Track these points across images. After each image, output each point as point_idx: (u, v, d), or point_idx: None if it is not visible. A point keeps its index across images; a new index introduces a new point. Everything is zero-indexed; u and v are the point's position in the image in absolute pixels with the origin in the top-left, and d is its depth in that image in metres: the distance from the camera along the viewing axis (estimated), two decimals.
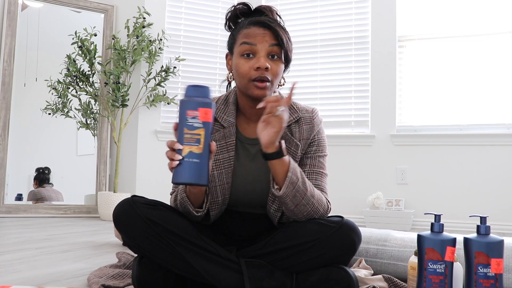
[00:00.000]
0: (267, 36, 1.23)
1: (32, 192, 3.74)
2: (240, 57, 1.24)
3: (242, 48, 1.23)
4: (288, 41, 1.26)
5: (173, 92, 3.93)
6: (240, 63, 1.23)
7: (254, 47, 1.22)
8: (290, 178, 1.16)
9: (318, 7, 4.01)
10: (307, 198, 1.20)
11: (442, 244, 1.10)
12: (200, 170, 1.04)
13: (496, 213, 3.36)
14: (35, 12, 3.88)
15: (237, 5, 1.31)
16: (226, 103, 1.33)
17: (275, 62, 1.24)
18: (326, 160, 1.35)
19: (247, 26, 1.25)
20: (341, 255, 1.20)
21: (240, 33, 1.26)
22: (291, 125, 1.31)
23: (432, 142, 3.57)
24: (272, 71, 1.22)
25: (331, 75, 3.92)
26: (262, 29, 1.23)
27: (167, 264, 1.19)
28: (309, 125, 1.32)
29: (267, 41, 1.22)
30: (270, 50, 1.23)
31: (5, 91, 3.64)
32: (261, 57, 1.21)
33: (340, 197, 3.70)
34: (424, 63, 3.71)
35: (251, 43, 1.22)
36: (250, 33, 1.23)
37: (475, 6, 3.59)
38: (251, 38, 1.23)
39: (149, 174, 3.85)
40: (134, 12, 3.88)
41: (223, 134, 1.29)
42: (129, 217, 1.19)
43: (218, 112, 1.31)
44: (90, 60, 3.69)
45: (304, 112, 1.33)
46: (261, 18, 1.25)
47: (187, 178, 1.04)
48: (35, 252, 1.99)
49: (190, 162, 1.04)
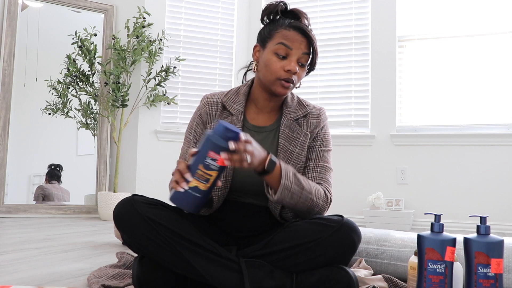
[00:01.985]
0: (303, 44, 1.30)
1: (40, 187, 3.74)
2: (273, 54, 1.30)
3: (278, 47, 1.30)
4: (317, 53, 1.34)
5: (173, 92, 3.93)
6: (272, 60, 1.30)
7: (290, 51, 1.29)
8: (283, 184, 1.20)
9: (318, 7, 4.01)
10: (304, 195, 1.23)
11: (442, 244, 1.10)
12: (197, 204, 1.10)
13: (496, 213, 3.36)
14: (35, 12, 3.88)
15: (278, 2, 1.37)
16: (237, 94, 1.40)
17: (301, 68, 1.32)
18: (330, 156, 1.41)
19: (287, 28, 1.31)
20: (341, 254, 1.20)
21: (278, 32, 1.31)
22: (299, 119, 1.38)
23: (432, 142, 3.57)
24: (298, 75, 1.32)
25: (331, 75, 3.92)
26: (301, 36, 1.30)
27: (167, 263, 1.19)
28: (316, 120, 1.39)
29: (302, 49, 1.30)
30: (301, 57, 1.31)
31: (5, 91, 3.65)
32: (293, 61, 1.29)
33: (340, 197, 3.70)
34: (424, 63, 3.71)
35: (288, 46, 1.29)
36: (289, 36, 1.30)
37: (475, 6, 3.59)
38: (289, 41, 1.29)
39: (149, 174, 3.85)
40: (134, 12, 3.88)
41: (230, 121, 1.36)
42: (129, 216, 1.20)
43: (228, 102, 1.38)
44: (90, 60, 3.69)
45: (312, 109, 1.41)
46: (301, 25, 1.31)
47: (183, 205, 1.09)
48: (35, 252, 1.99)
49: (192, 194, 1.08)
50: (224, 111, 1.38)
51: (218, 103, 1.38)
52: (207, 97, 1.41)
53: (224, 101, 1.38)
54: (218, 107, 1.38)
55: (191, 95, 4.00)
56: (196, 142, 1.38)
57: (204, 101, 1.40)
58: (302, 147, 1.35)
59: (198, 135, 1.39)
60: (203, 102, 1.40)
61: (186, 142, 1.41)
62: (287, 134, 1.35)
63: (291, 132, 1.36)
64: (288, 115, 1.37)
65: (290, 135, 1.36)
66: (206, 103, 1.39)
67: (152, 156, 3.88)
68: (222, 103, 1.38)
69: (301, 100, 1.42)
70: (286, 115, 1.38)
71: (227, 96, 1.39)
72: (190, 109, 3.99)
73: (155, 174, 3.84)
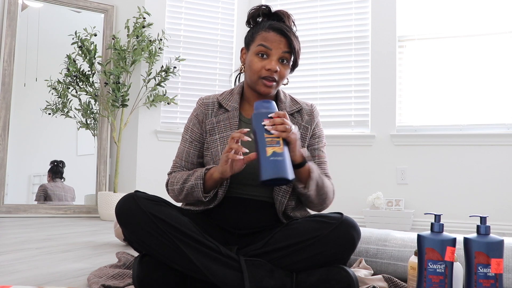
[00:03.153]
0: (282, 44, 1.35)
1: (42, 186, 3.74)
2: (255, 55, 1.36)
3: (259, 48, 1.35)
4: (299, 50, 1.39)
5: (173, 92, 3.93)
6: (254, 61, 1.36)
7: (269, 51, 1.35)
8: (313, 177, 1.29)
9: (318, 7, 4.01)
10: (324, 188, 1.35)
11: (442, 244, 1.10)
12: (284, 166, 1.13)
13: (496, 213, 3.36)
14: (35, 12, 3.88)
15: (260, 6, 1.43)
16: (231, 94, 1.47)
17: (284, 66, 1.37)
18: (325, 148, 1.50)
19: (266, 30, 1.36)
20: (341, 252, 1.21)
21: (259, 34, 1.37)
22: (294, 114, 1.44)
23: (432, 142, 3.57)
24: (280, 73, 1.36)
25: (331, 75, 3.92)
26: (279, 36, 1.35)
27: (168, 259, 1.20)
28: (310, 116, 1.46)
29: (281, 48, 1.35)
30: (282, 56, 1.35)
31: (5, 91, 3.65)
32: (273, 60, 1.34)
33: (340, 197, 3.68)
34: (424, 63, 3.71)
35: (267, 47, 1.34)
36: (268, 37, 1.35)
37: (475, 6, 3.59)
38: (268, 42, 1.35)
39: (149, 174, 3.85)
40: (134, 12, 3.88)
41: (227, 116, 1.42)
42: (132, 212, 1.21)
43: (224, 100, 1.45)
44: (90, 60, 3.69)
45: (304, 105, 1.48)
46: (280, 25, 1.36)
47: (275, 173, 1.11)
48: (35, 252, 1.99)
49: (275, 160, 1.13)
50: (220, 109, 1.44)
51: (214, 102, 1.45)
52: (202, 99, 1.47)
53: (219, 99, 1.45)
54: (214, 106, 1.44)
55: (191, 95, 4.00)
56: (192, 141, 1.44)
57: (200, 102, 1.46)
58: (302, 139, 1.42)
59: (194, 135, 1.44)
60: (199, 103, 1.46)
61: (182, 141, 1.47)
62: None
63: None
64: (284, 110, 1.42)
65: None
66: (202, 103, 1.46)
67: (152, 156, 3.88)
68: (218, 102, 1.45)
69: (292, 97, 1.50)
70: (281, 110, 1.42)
71: (222, 95, 1.46)
72: (190, 109, 3.99)
73: (155, 174, 3.84)
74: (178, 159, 1.46)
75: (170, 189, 1.42)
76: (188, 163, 1.44)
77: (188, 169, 1.44)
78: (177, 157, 1.46)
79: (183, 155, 1.45)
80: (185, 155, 1.44)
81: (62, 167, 3.81)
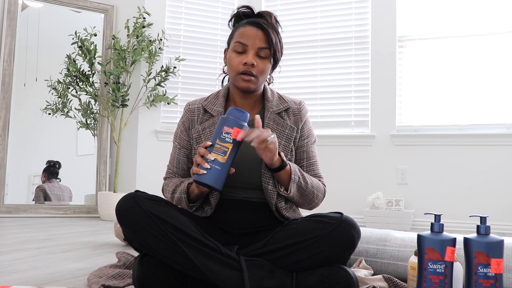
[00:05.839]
0: (259, 37, 1.34)
1: (40, 187, 3.74)
2: (233, 52, 1.36)
3: (236, 45, 1.35)
4: (278, 43, 1.38)
5: (173, 92, 3.93)
6: (231, 57, 1.36)
7: (246, 46, 1.34)
8: (293, 180, 1.30)
9: (318, 7, 4.01)
10: (308, 189, 1.35)
11: (442, 244, 1.10)
12: (218, 177, 1.18)
13: (496, 213, 3.36)
14: (35, 12, 3.88)
15: (241, 7, 1.43)
16: (216, 97, 1.46)
17: (262, 61, 1.35)
18: (315, 146, 1.49)
19: (244, 25, 1.37)
20: (341, 251, 1.21)
21: (237, 31, 1.38)
22: (282, 113, 1.43)
23: (432, 142, 3.57)
24: (258, 68, 1.34)
25: (331, 75, 3.92)
26: (256, 29, 1.35)
27: (168, 259, 1.20)
28: (296, 117, 1.44)
29: (258, 42, 1.34)
30: (259, 51, 1.34)
31: (5, 91, 3.65)
32: (250, 54, 1.34)
33: (340, 197, 3.70)
34: (424, 63, 3.71)
35: (243, 42, 1.34)
36: (244, 32, 1.35)
37: (475, 6, 3.59)
38: (244, 37, 1.34)
39: (149, 174, 3.85)
40: (134, 12, 3.88)
41: (212, 122, 1.41)
42: (132, 211, 1.21)
43: (209, 105, 1.44)
44: (90, 60, 3.69)
45: (292, 103, 1.45)
46: (257, 20, 1.37)
47: (206, 179, 1.18)
48: (35, 252, 1.99)
49: (212, 168, 1.18)
50: (206, 114, 1.43)
51: (199, 108, 1.44)
52: (189, 104, 1.47)
53: (204, 105, 1.44)
54: (199, 112, 1.44)
55: (191, 95, 4.00)
56: (181, 148, 1.46)
57: (186, 108, 1.47)
58: (288, 140, 1.40)
59: (183, 141, 1.45)
60: (185, 109, 1.47)
61: (173, 148, 1.50)
62: (272, 126, 1.39)
63: (275, 125, 1.40)
64: (271, 109, 1.42)
65: (274, 127, 1.39)
66: (188, 110, 1.46)
67: (152, 156, 3.88)
68: (203, 107, 1.44)
69: (281, 95, 1.47)
70: (268, 109, 1.42)
71: (208, 100, 1.46)
72: None
73: (155, 174, 3.84)
74: (171, 165, 1.49)
75: (164, 195, 1.47)
76: (179, 169, 1.47)
77: (180, 175, 1.47)
78: (170, 163, 1.50)
79: (174, 161, 1.48)
80: (175, 162, 1.48)
81: (58, 167, 3.81)
